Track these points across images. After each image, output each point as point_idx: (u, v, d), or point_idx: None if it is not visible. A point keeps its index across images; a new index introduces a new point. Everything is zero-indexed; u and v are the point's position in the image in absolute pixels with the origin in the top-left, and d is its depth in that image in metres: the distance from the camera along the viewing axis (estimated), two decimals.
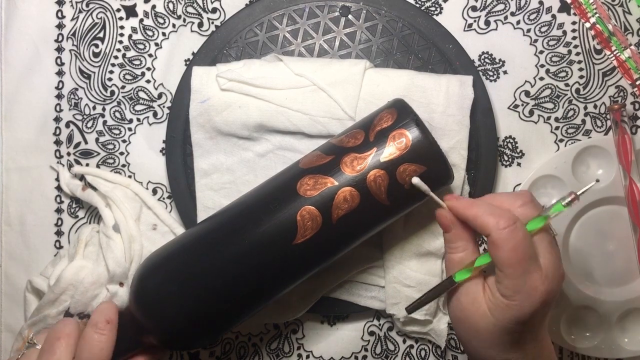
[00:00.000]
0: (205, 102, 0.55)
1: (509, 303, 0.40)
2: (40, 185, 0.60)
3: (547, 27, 0.58)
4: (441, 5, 0.58)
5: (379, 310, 0.57)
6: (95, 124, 0.60)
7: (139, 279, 0.48)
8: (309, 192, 0.46)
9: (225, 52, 0.58)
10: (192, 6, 0.59)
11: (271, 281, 0.48)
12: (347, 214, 0.46)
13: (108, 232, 0.55)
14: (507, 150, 0.58)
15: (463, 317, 0.43)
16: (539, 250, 0.41)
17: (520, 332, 0.41)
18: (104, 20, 0.59)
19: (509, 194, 0.44)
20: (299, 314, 0.57)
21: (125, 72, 0.59)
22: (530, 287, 0.40)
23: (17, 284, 0.60)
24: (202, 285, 0.47)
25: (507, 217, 0.40)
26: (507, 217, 0.40)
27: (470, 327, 0.42)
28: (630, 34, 0.58)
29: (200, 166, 0.56)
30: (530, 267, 0.40)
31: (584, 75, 0.58)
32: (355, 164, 0.46)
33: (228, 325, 0.49)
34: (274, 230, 0.46)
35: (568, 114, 0.58)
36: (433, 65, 0.57)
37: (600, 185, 0.56)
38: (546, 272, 0.40)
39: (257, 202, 0.48)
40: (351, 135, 0.48)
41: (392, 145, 0.46)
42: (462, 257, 0.44)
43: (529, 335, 0.42)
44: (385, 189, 0.46)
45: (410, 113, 0.47)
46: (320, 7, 0.58)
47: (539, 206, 0.43)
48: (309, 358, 0.60)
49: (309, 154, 0.49)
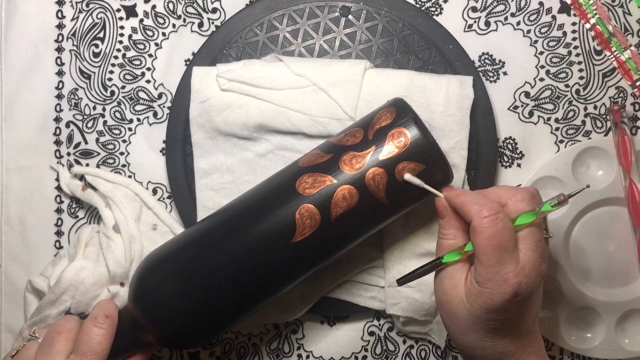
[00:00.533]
0: (205, 102, 0.55)
1: (480, 290, 0.41)
2: (40, 185, 0.60)
3: (547, 28, 0.58)
4: (441, 6, 0.58)
5: (379, 310, 0.57)
6: (96, 124, 0.60)
7: (138, 278, 0.48)
8: (308, 190, 0.46)
9: (225, 52, 0.58)
10: (192, 6, 0.59)
11: (270, 280, 0.48)
12: (345, 212, 0.46)
13: (108, 232, 0.55)
14: (507, 151, 0.58)
15: (444, 300, 0.44)
16: (521, 245, 0.42)
17: (494, 321, 0.42)
18: (104, 20, 0.59)
19: (513, 188, 0.45)
20: (299, 314, 0.57)
21: (125, 72, 0.59)
22: (501, 277, 0.41)
23: (17, 284, 0.60)
24: (201, 284, 0.47)
25: (491, 207, 0.42)
26: (490, 207, 0.42)
27: (450, 311, 0.44)
28: (630, 35, 0.58)
29: (200, 166, 0.56)
30: (506, 258, 0.41)
31: (584, 76, 0.58)
32: (354, 162, 0.46)
33: (227, 324, 0.49)
34: (273, 228, 0.46)
35: (568, 115, 0.58)
36: (433, 66, 0.57)
37: (600, 186, 0.56)
38: (523, 266, 0.41)
39: (256, 201, 0.48)
40: (350, 133, 0.48)
41: (391, 143, 0.46)
42: (451, 244, 0.45)
43: (504, 325, 0.42)
44: (384, 187, 0.46)
45: (409, 112, 0.47)
46: (320, 7, 0.58)
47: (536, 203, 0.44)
48: (309, 358, 0.60)
49: (309, 153, 0.50)
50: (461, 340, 0.44)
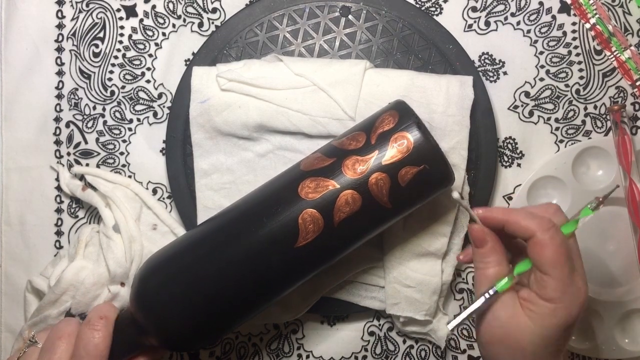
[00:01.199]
0: (205, 102, 0.55)
1: (555, 307, 0.40)
2: (40, 185, 0.60)
3: (547, 28, 0.58)
4: (441, 6, 0.58)
5: (379, 310, 0.57)
6: (96, 124, 0.60)
7: (140, 280, 0.48)
8: (311, 195, 0.46)
9: (225, 52, 0.58)
10: (192, 6, 0.59)
11: (272, 284, 0.48)
12: (348, 217, 0.46)
13: (108, 232, 0.55)
14: (507, 151, 0.58)
15: (503, 334, 0.41)
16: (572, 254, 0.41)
17: (564, 338, 0.41)
18: (104, 20, 0.59)
19: (539, 205, 0.45)
20: (299, 314, 0.57)
21: (125, 72, 0.59)
22: (576, 287, 0.40)
23: (17, 284, 0.60)
24: (203, 287, 0.46)
25: (548, 220, 0.41)
26: (547, 219, 0.41)
27: (513, 344, 0.41)
28: (630, 35, 0.58)
29: (200, 166, 0.56)
30: (573, 267, 0.40)
31: (584, 76, 0.58)
32: (357, 166, 0.46)
33: (228, 327, 0.49)
34: (276, 233, 0.46)
35: (568, 114, 0.58)
36: (433, 66, 0.57)
37: (600, 186, 0.56)
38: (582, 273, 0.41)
39: (259, 205, 0.48)
40: (352, 137, 0.48)
41: (394, 147, 0.46)
42: (496, 272, 0.43)
43: (566, 343, 0.41)
44: (387, 192, 0.46)
45: (412, 115, 0.46)
46: (320, 7, 0.58)
47: (564, 215, 0.44)
48: (309, 358, 0.60)
49: (310, 156, 0.49)
50: None
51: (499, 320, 0.42)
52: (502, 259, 0.43)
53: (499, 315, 0.42)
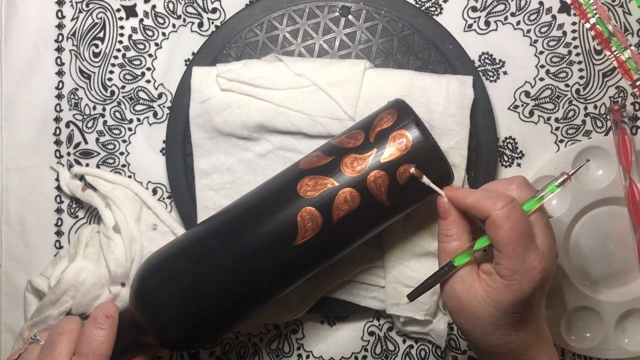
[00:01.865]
0: (205, 102, 0.55)
1: (508, 283, 0.41)
2: (40, 185, 0.60)
3: (547, 28, 0.58)
4: (441, 6, 0.58)
5: (379, 310, 0.57)
6: (95, 124, 0.60)
7: (140, 280, 0.48)
8: (309, 193, 0.46)
9: (225, 52, 0.58)
10: (192, 6, 0.59)
11: (272, 282, 0.48)
12: (347, 215, 0.46)
13: (108, 232, 0.55)
14: (507, 151, 0.58)
15: (461, 305, 0.43)
16: (535, 230, 0.42)
17: (520, 312, 0.41)
18: (104, 20, 0.59)
19: (502, 179, 0.46)
20: (299, 314, 0.57)
21: (125, 72, 0.59)
22: (529, 265, 0.41)
23: (17, 284, 0.60)
24: (202, 286, 0.47)
25: (504, 197, 0.42)
26: (504, 197, 0.42)
27: (470, 315, 0.43)
28: (630, 35, 0.58)
29: (200, 166, 0.56)
30: (529, 245, 0.41)
31: (584, 76, 0.58)
32: (356, 164, 0.46)
33: (228, 327, 0.49)
34: (274, 231, 0.46)
35: (568, 114, 0.58)
36: (433, 66, 0.57)
37: (600, 186, 0.56)
38: (542, 250, 0.41)
39: (257, 203, 0.48)
40: (351, 135, 0.48)
41: (393, 145, 0.46)
42: (457, 246, 0.44)
43: (527, 316, 0.42)
44: (385, 190, 0.46)
45: (411, 114, 0.47)
46: (320, 7, 0.58)
47: (532, 189, 0.44)
48: (309, 358, 0.60)
49: (309, 155, 0.49)
50: (485, 341, 0.43)
51: (456, 293, 0.43)
52: (464, 233, 0.45)
53: (456, 288, 0.43)
